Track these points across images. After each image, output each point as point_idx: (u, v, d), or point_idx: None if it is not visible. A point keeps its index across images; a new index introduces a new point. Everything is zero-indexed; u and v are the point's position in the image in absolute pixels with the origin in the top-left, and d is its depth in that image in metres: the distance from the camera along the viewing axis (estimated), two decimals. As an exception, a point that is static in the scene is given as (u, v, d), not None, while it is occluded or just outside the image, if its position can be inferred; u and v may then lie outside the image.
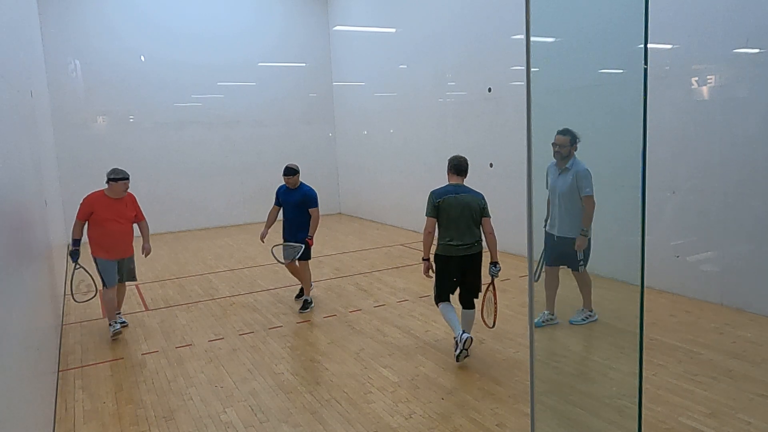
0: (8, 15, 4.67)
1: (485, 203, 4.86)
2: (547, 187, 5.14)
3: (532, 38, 2.65)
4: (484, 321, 5.11)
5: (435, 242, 4.93)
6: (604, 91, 2.81)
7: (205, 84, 12.65)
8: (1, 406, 2.31)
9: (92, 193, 5.75)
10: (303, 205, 6.39)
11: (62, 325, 6.38)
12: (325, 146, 14.38)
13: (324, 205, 14.43)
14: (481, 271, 4.95)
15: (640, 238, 2.51)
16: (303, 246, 6.33)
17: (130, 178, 5.86)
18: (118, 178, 5.70)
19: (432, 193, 4.88)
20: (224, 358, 5.22)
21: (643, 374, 2.78)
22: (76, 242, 5.72)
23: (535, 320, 4.84)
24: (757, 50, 5.40)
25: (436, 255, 4.93)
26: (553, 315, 5.17)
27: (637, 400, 2.75)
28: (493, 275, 4.83)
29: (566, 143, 4.76)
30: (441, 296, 4.96)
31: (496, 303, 4.98)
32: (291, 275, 6.97)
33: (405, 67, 11.36)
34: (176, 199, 12.49)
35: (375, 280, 7.76)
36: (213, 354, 5.32)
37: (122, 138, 11.92)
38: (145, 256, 6.13)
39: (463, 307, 5.00)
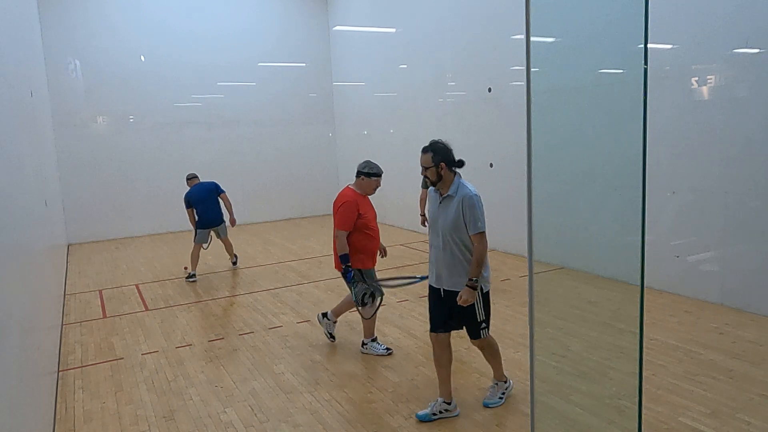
0: (8, 15, 4.66)
1: None
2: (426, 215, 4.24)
3: (532, 38, 2.65)
4: None
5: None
6: (604, 91, 2.80)
7: (205, 84, 12.66)
8: (1, 406, 2.31)
9: (346, 194, 4.89)
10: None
11: (62, 325, 6.38)
12: (325, 146, 14.37)
13: (324, 205, 14.61)
14: None
15: (640, 238, 2.51)
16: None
17: (134, 178, 5.80)
18: (372, 173, 4.91)
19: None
20: (224, 358, 5.22)
21: (643, 374, 2.78)
22: (348, 257, 4.75)
23: (421, 412, 3.89)
24: (757, 50, 5.40)
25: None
26: (449, 403, 3.87)
27: (637, 400, 2.75)
28: None
29: (428, 162, 3.74)
30: None
31: None
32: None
33: (405, 67, 11.36)
34: (176, 198, 12.44)
35: (375, 280, 7.75)
36: (213, 354, 5.32)
37: (122, 138, 11.91)
38: (384, 256, 5.41)
39: None
